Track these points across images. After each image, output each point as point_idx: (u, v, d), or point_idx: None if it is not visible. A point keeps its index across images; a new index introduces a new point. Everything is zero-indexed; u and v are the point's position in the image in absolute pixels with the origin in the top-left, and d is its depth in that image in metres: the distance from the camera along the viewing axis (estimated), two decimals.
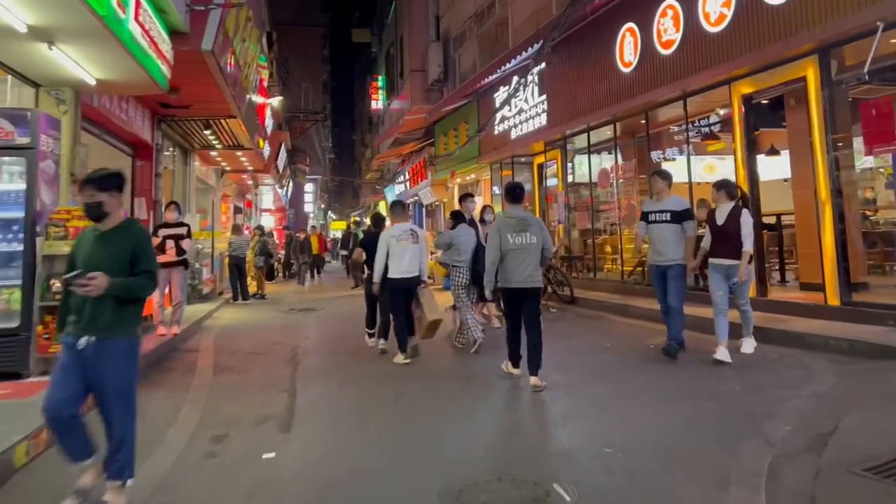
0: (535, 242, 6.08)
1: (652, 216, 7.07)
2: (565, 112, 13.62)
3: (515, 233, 6.06)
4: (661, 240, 6.97)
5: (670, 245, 6.91)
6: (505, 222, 6.19)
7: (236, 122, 11.81)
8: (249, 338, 9.91)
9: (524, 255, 6.05)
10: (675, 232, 6.91)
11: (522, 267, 6.03)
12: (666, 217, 6.94)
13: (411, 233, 7.60)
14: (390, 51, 30.15)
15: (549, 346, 8.02)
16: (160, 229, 9.08)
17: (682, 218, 6.94)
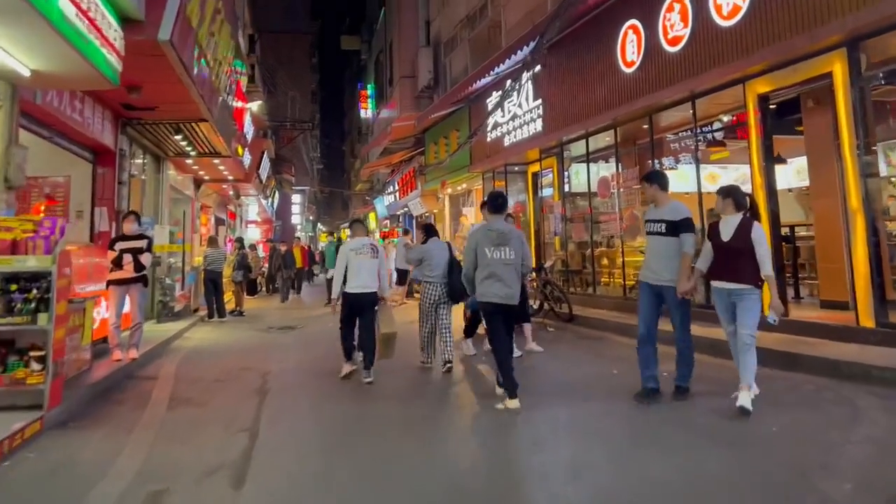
0: (513, 258, 5.85)
1: (647, 226, 5.93)
2: (562, 117, 12.84)
3: (494, 247, 5.84)
4: (655, 255, 5.82)
5: (665, 262, 5.71)
6: (484, 234, 5.94)
7: (209, 127, 10.93)
8: (218, 362, 8.98)
9: (504, 271, 5.82)
10: (672, 246, 5.68)
11: (501, 283, 5.81)
12: (660, 228, 5.75)
13: (370, 247, 7.46)
14: (380, 58, 29.42)
15: (549, 373, 7.19)
16: (117, 242, 8.18)
17: (679, 229, 5.67)
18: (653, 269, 5.82)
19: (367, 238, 7.74)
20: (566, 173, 13.78)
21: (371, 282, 7.33)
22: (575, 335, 10.10)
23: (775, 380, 6.29)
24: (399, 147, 24.77)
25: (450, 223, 21.63)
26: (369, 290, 7.32)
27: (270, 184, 29.31)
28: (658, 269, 5.77)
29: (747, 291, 5.32)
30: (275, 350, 10.04)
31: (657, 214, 5.85)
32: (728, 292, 5.42)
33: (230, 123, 13.08)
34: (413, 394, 6.80)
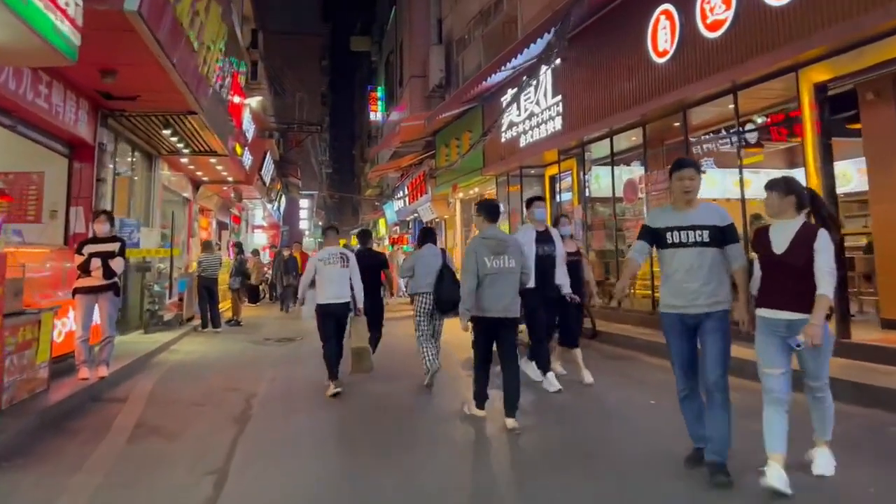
0: (513, 266, 5.57)
1: (672, 235, 4.22)
2: (584, 114, 11.85)
3: (493, 255, 5.54)
4: (690, 273, 4.14)
5: (706, 281, 4.12)
6: (481, 244, 5.63)
7: (200, 121, 10.02)
8: (201, 380, 8.03)
9: (504, 282, 5.53)
10: (716, 261, 4.15)
11: (500, 294, 5.51)
12: (700, 236, 4.15)
13: (340, 256, 7.28)
14: (390, 58, 28.58)
15: (577, 400, 6.22)
16: (86, 245, 7.24)
17: (728, 238, 4.18)
18: (686, 294, 4.14)
19: (338, 247, 7.59)
20: (586, 176, 12.78)
21: (342, 292, 7.15)
22: (600, 354, 9.07)
23: (850, 418, 5.23)
24: (408, 150, 23.85)
25: (461, 229, 20.62)
26: (340, 301, 7.15)
27: (276, 187, 28.44)
28: (694, 291, 4.11)
29: None
30: (267, 366, 9.08)
31: (687, 219, 4.18)
32: (787, 324, 3.90)
33: (225, 119, 12.17)
34: (416, 424, 5.83)
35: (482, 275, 5.50)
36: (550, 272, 6.79)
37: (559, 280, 6.89)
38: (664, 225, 4.24)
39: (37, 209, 8.70)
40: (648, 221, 4.44)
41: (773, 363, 3.94)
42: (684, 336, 4.22)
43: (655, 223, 4.32)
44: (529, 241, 6.60)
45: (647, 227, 4.41)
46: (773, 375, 3.93)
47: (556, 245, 6.89)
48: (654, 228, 4.29)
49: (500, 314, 5.54)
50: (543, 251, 6.71)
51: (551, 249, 6.81)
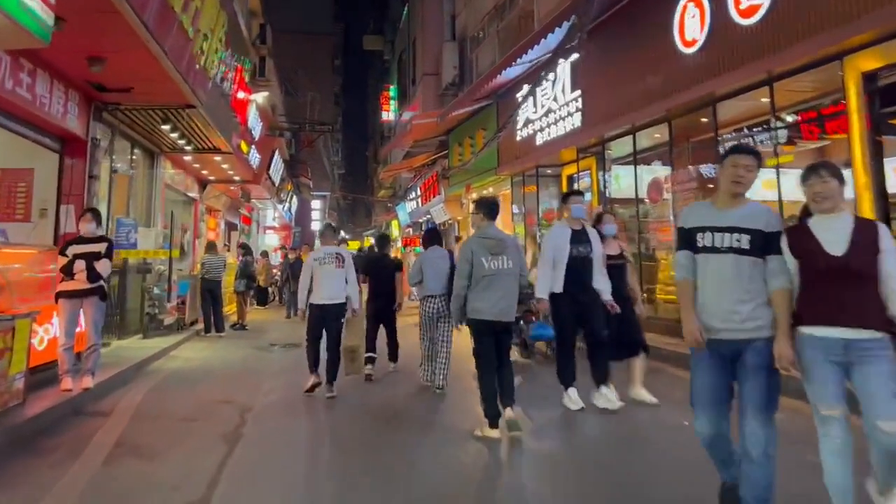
0: (511, 268, 5.41)
1: (704, 237, 3.39)
2: (604, 110, 11.23)
3: (491, 256, 5.37)
4: (728, 287, 3.31)
5: (744, 297, 3.28)
6: (479, 243, 5.45)
7: (199, 116, 9.52)
8: (195, 391, 7.50)
9: (502, 283, 5.36)
10: (757, 273, 3.30)
11: (498, 296, 5.33)
12: (738, 241, 3.30)
13: (336, 256, 7.18)
14: (402, 56, 28.06)
15: (600, 419, 5.65)
16: (70, 246, 6.74)
17: (771, 247, 3.31)
18: (718, 313, 3.31)
19: (334, 247, 7.47)
20: (606, 176, 12.15)
21: (337, 292, 7.10)
22: (623, 364, 8.45)
23: None
24: (421, 150, 23.31)
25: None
26: (336, 301, 7.09)
27: (287, 187, 27.98)
28: (728, 310, 3.27)
29: (877, 344, 3.05)
30: (268, 375, 8.55)
31: (726, 218, 3.35)
32: (844, 344, 3.07)
33: (229, 115, 11.68)
34: (414, 435, 5.25)
35: (479, 276, 5.34)
36: (584, 275, 6.06)
37: (598, 285, 6.13)
38: (697, 223, 3.46)
39: (26, 207, 8.24)
40: (682, 221, 3.60)
41: (832, 400, 3.08)
42: (716, 368, 3.35)
43: (688, 222, 3.54)
44: (562, 241, 6.03)
45: (680, 229, 3.58)
46: (833, 418, 3.07)
47: (594, 246, 6.14)
48: (688, 229, 3.51)
49: (498, 317, 5.35)
50: (578, 252, 6.04)
51: (587, 250, 6.09)
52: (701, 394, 3.42)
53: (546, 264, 6.07)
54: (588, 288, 6.08)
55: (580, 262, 6.05)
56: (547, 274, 6.07)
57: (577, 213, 6.25)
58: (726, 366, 3.36)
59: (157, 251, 10.90)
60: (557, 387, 6.43)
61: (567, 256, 5.99)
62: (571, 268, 6.00)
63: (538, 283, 6.15)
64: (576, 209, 6.25)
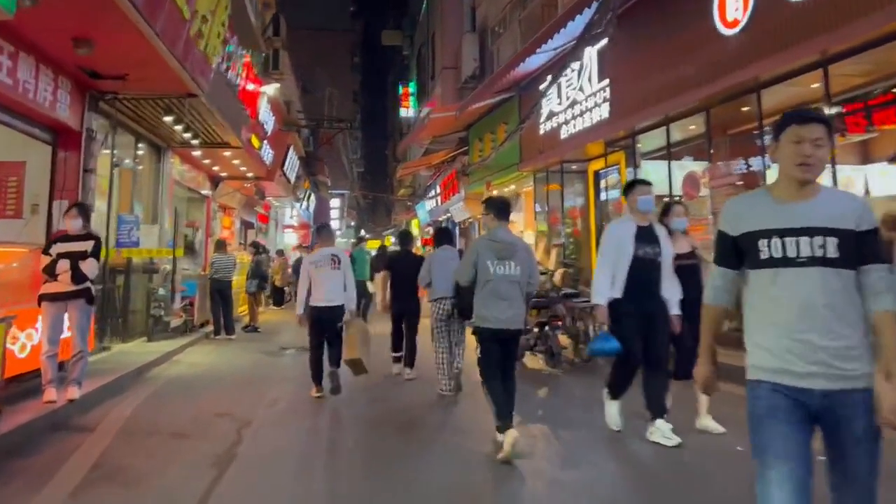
0: (517, 275, 5.08)
1: (772, 245, 2.36)
2: (635, 100, 10.49)
3: (498, 260, 5.06)
4: (809, 313, 2.29)
5: (837, 328, 2.28)
6: (486, 246, 5.14)
7: (203, 106, 8.96)
8: (194, 401, 6.92)
9: (507, 290, 5.05)
10: (851, 291, 2.32)
11: (504, 304, 5.03)
12: (822, 248, 2.30)
13: (332, 258, 7.05)
14: (422, 51, 27.47)
15: (643, 445, 4.93)
16: (54, 244, 6.20)
17: (867, 252, 2.34)
18: (799, 352, 2.29)
19: (331, 248, 7.31)
20: (637, 171, 11.40)
21: (335, 295, 6.95)
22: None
23: None
24: (440, 147, 22.68)
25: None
26: (333, 304, 6.94)
27: (304, 185, 27.48)
28: (813, 347, 2.27)
29: None
30: (273, 382, 7.97)
31: (799, 214, 2.35)
32: None
33: (237, 107, 11.11)
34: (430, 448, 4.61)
35: (483, 280, 5.06)
36: (651, 281, 5.10)
37: (668, 295, 5.16)
38: (757, 226, 2.40)
39: (17, 203, 7.71)
40: (726, 222, 2.54)
41: None
42: (794, 430, 2.29)
43: (739, 224, 2.47)
44: (625, 239, 5.08)
45: (725, 234, 2.53)
46: None
47: (663, 246, 5.15)
48: (740, 236, 2.46)
49: (504, 325, 5.05)
50: (644, 252, 5.07)
51: (655, 252, 5.10)
52: (776, 463, 2.28)
53: (605, 265, 5.15)
54: (655, 296, 5.12)
55: (646, 265, 5.08)
56: (606, 276, 5.13)
57: (644, 205, 5.20)
58: (806, 423, 2.32)
59: (161, 250, 10.37)
60: (589, 401, 5.76)
61: (631, 257, 5.05)
62: (636, 271, 5.05)
63: (594, 286, 5.25)
64: (643, 201, 5.20)
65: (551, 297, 8.67)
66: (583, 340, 8.49)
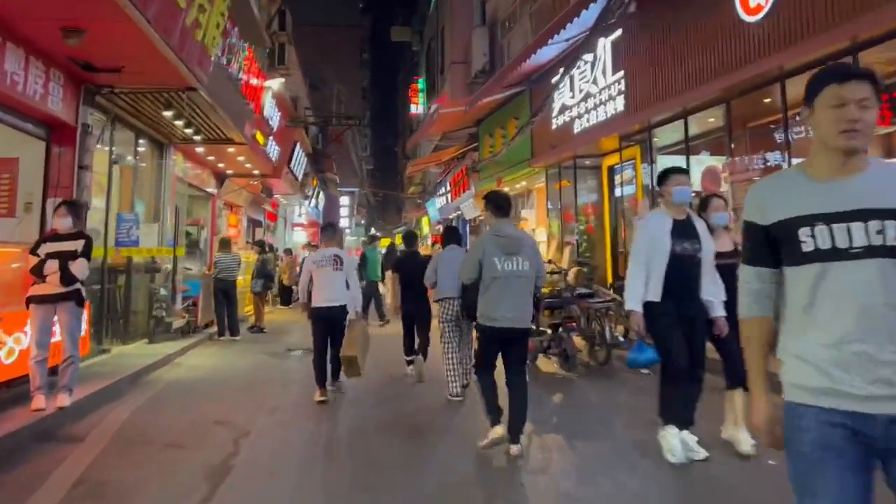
0: (527, 270, 4.90)
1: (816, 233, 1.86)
2: (651, 92, 10.12)
3: (505, 256, 4.86)
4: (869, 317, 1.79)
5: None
6: (492, 242, 4.94)
7: (203, 100, 8.66)
8: (191, 408, 6.62)
9: (515, 287, 4.86)
10: None
11: (512, 302, 4.85)
12: (881, 234, 1.79)
13: (334, 258, 6.94)
14: (431, 46, 27.09)
15: (660, 456, 4.56)
16: (43, 244, 5.91)
17: None
18: (856, 368, 1.79)
19: (334, 249, 7.18)
20: (652, 166, 11.01)
21: (337, 295, 6.84)
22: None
23: None
24: (450, 143, 22.35)
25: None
26: (335, 305, 6.83)
27: (312, 183, 27.20)
28: (874, 362, 1.77)
29: None
30: (277, 386, 7.68)
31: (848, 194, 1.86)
32: None
33: (240, 102, 10.82)
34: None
35: (489, 277, 4.85)
36: (691, 280, 4.56)
37: (708, 294, 4.61)
38: (795, 211, 1.92)
39: (10, 201, 7.44)
40: (754, 209, 2.05)
41: None
42: (852, 476, 1.81)
43: (770, 211, 1.99)
44: (660, 234, 4.51)
45: (753, 225, 2.05)
46: None
47: (703, 241, 4.57)
48: (773, 225, 1.98)
49: (511, 324, 4.85)
50: (682, 249, 4.50)
51: (695, 248, 4.53)
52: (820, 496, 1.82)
53: (639, 264, 4.59)
54: (695, 297, 4.58)
55: (685, 263, 4.51)
56: (639, 277, 4.58)
57: (680, 196, 4.62)
58: (866, 462, 1.83)
59: (161, 249, 10.09)
60: (607, 407, 5.41)
61: (667, 255, 4.48)
62: (673, 270, 4.49)
63: (627, 289, 4.66)
64: (679, 192, 4.61)
65: (565, 298, 8.31)
66: (599, 342, 8.13)
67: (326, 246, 7.26)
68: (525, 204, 17.99)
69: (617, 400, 6.62)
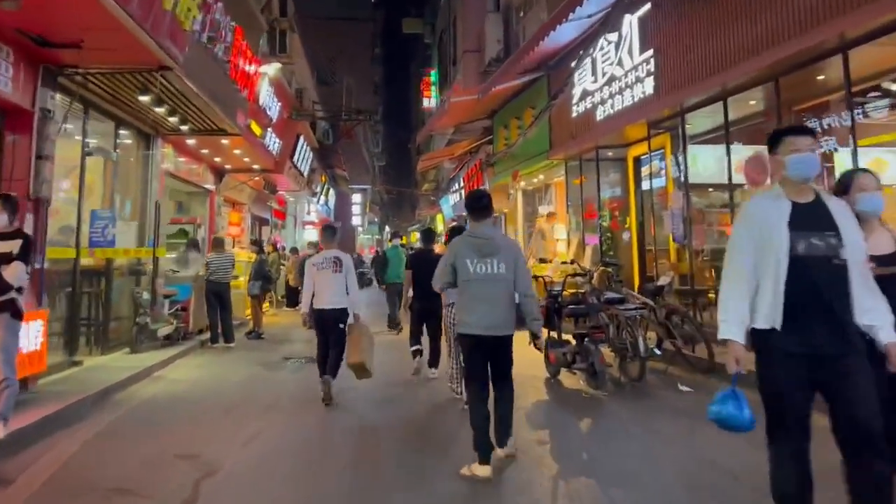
0: (504, 272, 4.53)
1: None
2: (685, 71, 9.04)
3: (479, 258, 4.53)
4: None
5: None
6: (465, 244, 4.63)
7: (183, 82, 7.71)
8: (156, 436, 5.67)
9: (491, 290, 4.50)
10: None
11: (487, 306, 4.47)
12: None
13: (334, 260, 6.94)
14: (443, 37, 26.07)
15: None
16: None
17: None
18: None
19: (333, 251, 7.12)
20: (684, 157, 9.91)
21: (336, 297, 6.86)
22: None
23: None
24: (463, 137, 21.30)
25: (523, 225, 17.91)
26: (334, 307, 6.84)
27: (321, 179, 26.26)
28: None
29: None
30: (262, 407, 6.70)
31: None
32: None
33: (229, 87, 9.85)
34: None
35: (462, 281, 4.60)
36: (826, 293, 2.92)
37: (866, 317, 2.94)
38: None
39: None
40: None
41: None
42: None
43: None
44: (774, 225, 3.00)
45: None
46: None
47: (846, 232, 2.97)
48: None
49: (488, 332, 4.51)
50: (809, 247, 2.95)
51: (830, 243, 2.95)
52: None
53: (738, 269, 3.09)
54: (838, 323, 2.91)
55: (817, 268, 2.95)
56: (739, 290, 3.07)
57: (799, 168, 3.05)
58: None
59: (140, 249, 9.16)
60: (645, 438, 4.38)
61: (785, 256, 2.96)
62: (798, 278, 2.94)
63: (721, 306, 3.12)
64: (797, 162, 3.04)
65: (592, 304, 7.26)
66: (631, 355, 7.07)
67: (327, 248, 7.19)
68: (543, 200, 16.89)
69: (657, 427, 5.57)
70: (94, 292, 9.06)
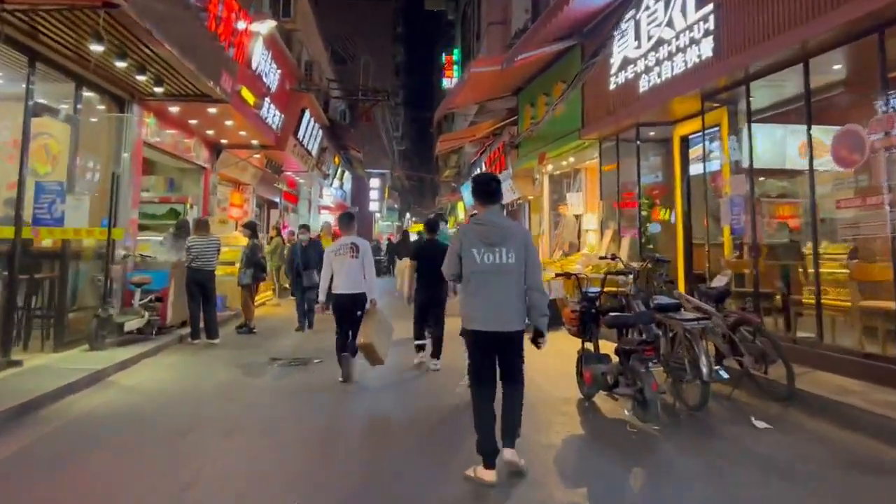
0: (511, 264, 4.21)
1: None
2: (753, 26, 7.43)
3: (486, 247, 4.22)
4: None
5: None
6: (471, 232, 4.34)
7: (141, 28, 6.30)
8: (64, 478, 4.31)
9: (498, 283, 4.20)
10: None
11: (494, 300, 4.19)
12: None
13: (351, 246, 7.08)
14: (466, 12, 24.51)
15: None
16: None
17: None
18: None
19: (350, 237, 7.25)
20: (744, 139, 8.31)
21: (355, 283, 7.00)
22: (825, 447, 4.74)
23: None
24: (485, 118, 19.78)
25: (549, 213, 16.34)
26: (352, 292, 7.01)
27: (334, 161, 24.81)
28: None
29: None
30: (224, 430, 5.32)
31: None
32: None
33: (208, 43, 8.42)
34: None
35: (468, 272, 4.26)
36: None
37: None
38: None
39: None
40: None
41: None
42: None
43: None
44: None
45: None
46: None
47: None
48: None
49: (494, 327, 4.18)
50: None
51: None
52: None
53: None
54: None
55: None
56: None
57: None
58: None
59: (92, 230, 7.78)
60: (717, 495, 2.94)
61: None
62: None
63: None
64: None
65: (640, 312, 5.74)
66: (689, 377, 5.54)
67: (345, 234, 7.36)
68: (571, 186, 15.28)
69: (733, 482, 4.06)
70: (47, 278, 7.76)
